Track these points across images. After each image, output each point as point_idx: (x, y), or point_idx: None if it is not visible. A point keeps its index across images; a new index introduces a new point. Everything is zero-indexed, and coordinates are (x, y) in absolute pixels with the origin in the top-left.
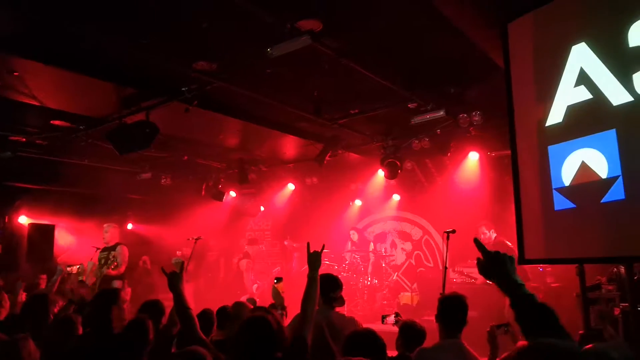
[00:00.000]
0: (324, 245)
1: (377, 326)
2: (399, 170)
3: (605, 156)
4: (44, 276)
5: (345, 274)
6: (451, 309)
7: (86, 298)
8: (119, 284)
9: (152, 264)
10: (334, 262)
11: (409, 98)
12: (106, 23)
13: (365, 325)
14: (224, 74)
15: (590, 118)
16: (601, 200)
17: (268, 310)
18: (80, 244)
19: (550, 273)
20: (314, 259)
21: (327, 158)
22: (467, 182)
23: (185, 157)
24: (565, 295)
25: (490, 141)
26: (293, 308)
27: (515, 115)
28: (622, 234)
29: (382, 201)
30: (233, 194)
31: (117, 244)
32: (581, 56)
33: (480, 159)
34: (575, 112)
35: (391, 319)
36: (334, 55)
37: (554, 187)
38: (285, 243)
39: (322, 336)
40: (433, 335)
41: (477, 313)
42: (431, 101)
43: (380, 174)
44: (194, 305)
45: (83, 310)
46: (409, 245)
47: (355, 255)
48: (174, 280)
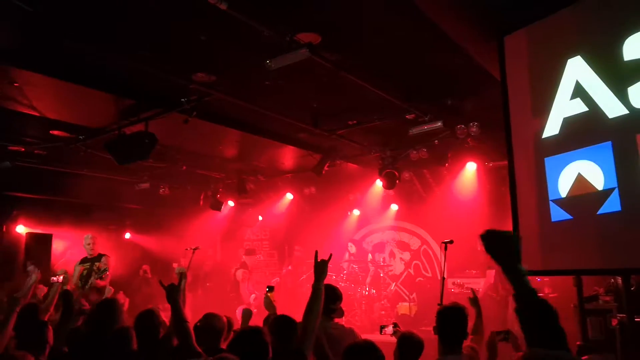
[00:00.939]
0: (331, 255)
1: (376, 336)
2: (397, 181)
3: (601, 168)
4: (41, 286)
5: (343, 284)
6: (450, 322)
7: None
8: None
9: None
10: (332, 272)
11: (406, 109)
12: (105, 35)
13: (363, 335)
14: (223, 86)
15: (586, 130)
16: (597, 212)
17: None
18: (77, 254)
19: (547, 284)
20: (321, 269)
21: (325, 168)
22: (465, 193)
23: (184, 168)
24: (563, 306)
25: (488, 152)
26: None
27: (512, 127)
28: (619, 246)
29: (381, 211)
30: (231, 204)
31: (100, 254)
32: (577, 69)
33: (478, 169)
34: (571, 125)
35: (389, 329)
36: (332, 68)
37: (550, 199)
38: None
39: (321, 348)
40: (431, 345)
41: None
42: (429, 112)
43: (379, 184)
44: (192, 315)
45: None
46: (407, 255)
47: (354, 265)
48: (172, 293)
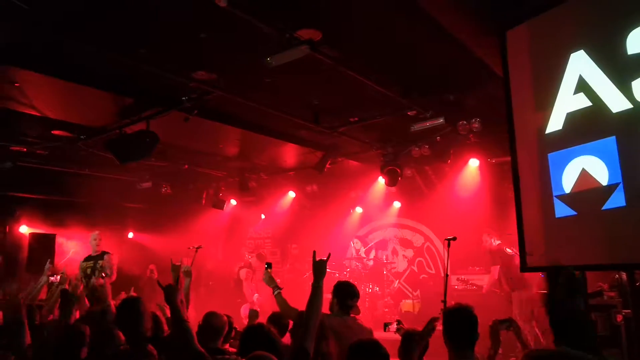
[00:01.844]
0: (329, 254)
1: (379, 334)
2: (399, 178)
3: (605, 163)
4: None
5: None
6: (459, 326)
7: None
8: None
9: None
10: (335, 270)
11: (408, 106)
12: (105, 34)
13: None
14: (223, 84)
15: (590, 125)
16: (602, 208)
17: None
18: (80, 253)
19: None
20: (320, 268)
21: (327, 166)
22: (468, 189)
23: (186, 166)
24: None
25: (490, 148)
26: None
27: (514, 123)
28: (624, 241)
29: (383, 208)
30: (234, 202)
31: (104, 252)
32: (580, 63)
33: (481, 165)
34: (574, 120)
35: (393, 326)
36: (333, 64)
37: (554, 195)
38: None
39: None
40: (436, 342)
41: (480, 320)
42: (430, 109)
43: (381, 181)
44: (195, 314)
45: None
46: (410, 252)
47: (357, 263)
48: (170, 294)
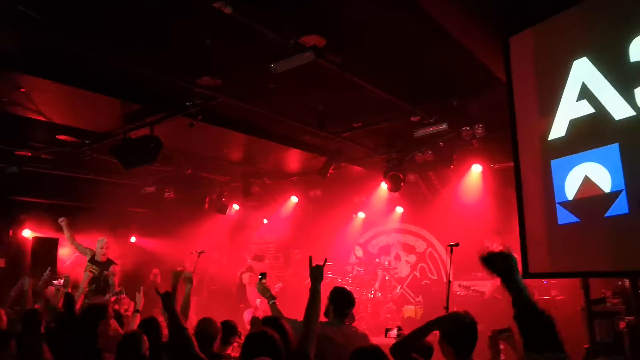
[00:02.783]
0: (326, 259)
1: (381, 340)
2: (402, 183)
3: (608, 170)
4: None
5: (349, 287)
6: (460, 331)
7: None
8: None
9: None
10: (337, 275)
11: (411, 111)
12: (110, 40)
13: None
14: (228, 89)
15: (593, 132)
16: (605, 215)
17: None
18: (83, 258)
19: (554, 286)
20: (317, 273)
21: (331, 171)
22: (471, 195)
23: (189, 171)
24: (570, 309)
25: (494, 153)
26: None
27: (517, 129)
28: (627, 248)
29: (386, 214)
30: (237, 207)
31: (108, 261)
32: (583, 70)
33: (484, 171)
34: (577, 126)
35: (394, 332)
36: (337, 70)
37: (557, 202)
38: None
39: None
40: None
41: (484, 326)
42: (434, 114)
43: (384, 186)
44: (196, 319)
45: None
46: (413, 258)
47: (359, 269)
48: (168, 301)
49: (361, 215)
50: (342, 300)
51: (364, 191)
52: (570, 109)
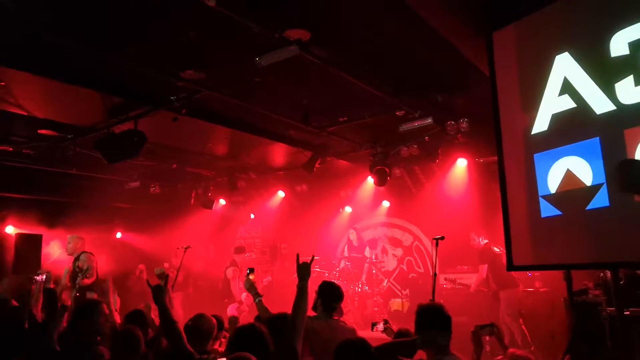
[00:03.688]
0: (313, 257)
1: (368, 333)
2: (388, 177)
3: (589, 164)
4: (34, 287)
5: (336, 282)
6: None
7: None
8: (96, 295)
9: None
10: (324, 269)
11: (396, 106)
12: (92, 32)
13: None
14: (212, 83)
15: (575, 126)
16: (586, 208)
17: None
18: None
19: (538, 278)
20: (304, 270)
21: (317, 165)
22: (456, 189)
23: (174, 166)
24: (554, 300)
25: (478, 148)
26: None
27: (501, 124)
28: (607, 240)
29: (372, 208)
30: (223, 202)
31: (82, 252)
32: (565, 66)
33: (469, 165)
34: (559, 121)
35: (380, 326)
36: (321, 64)
37: (540, 195)
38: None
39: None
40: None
41: (468, 318)
42: (419, 109)
43: (370, 180)
44: (183, 314)
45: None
46: (399, 251)
47: (347, 262)
48: (159, 294)
49: (348, 209)
50: (331, 294)
51: (350, 185)
52: (552, 104)
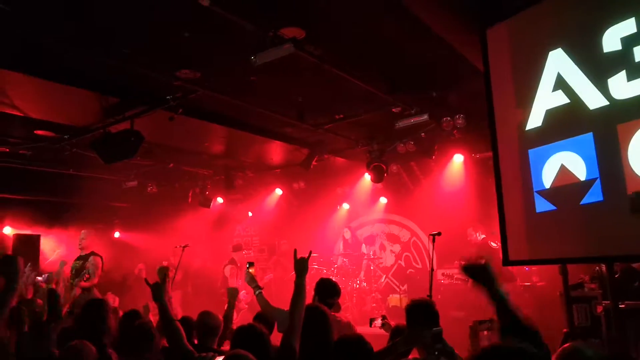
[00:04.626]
0: (310, 252)
1: (367, 329)
2: (385, 174)
3: (583, 159)
4: (31, 288)
5: (334, 278)
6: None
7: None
8: (97, 293)
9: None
10: (322, 266)
11: (392, 102)
12: (88, 33)
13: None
14: (208, 82)
15: (568, 122)
16: (580, 202)
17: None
18: (65, 254)
19: (535, 272)
20: (301, 266)
21: (314, 163)
22: (453, 184)
23: (171, 165)
24: (550, 294)
25: (475, 143)
26: None
27: (496, 120)
28: (602, 234)
29: (370, 204)
30: (220, 200)
31: (91, 253)
32: (558, 61)
33: (465, 161)
34: (553, 116)
35: (378, 322)
36: (317, 62)
37: (535, 190)
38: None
39: None
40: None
41: (465, 313)
42: (415, 105)
43: (367, 177)
44: (182, 313)
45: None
46: (397, 247)
47: (344, 259)
48: (158, 292)
49: (345, 206)
50: (328, 290)
51: (347, 182)
52: (546, 99)
